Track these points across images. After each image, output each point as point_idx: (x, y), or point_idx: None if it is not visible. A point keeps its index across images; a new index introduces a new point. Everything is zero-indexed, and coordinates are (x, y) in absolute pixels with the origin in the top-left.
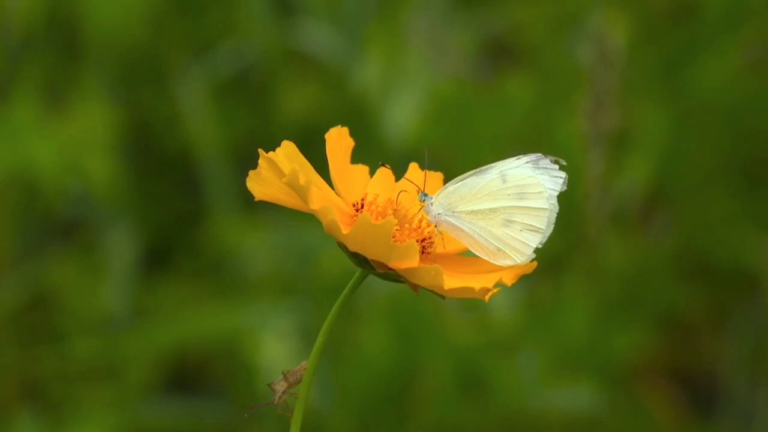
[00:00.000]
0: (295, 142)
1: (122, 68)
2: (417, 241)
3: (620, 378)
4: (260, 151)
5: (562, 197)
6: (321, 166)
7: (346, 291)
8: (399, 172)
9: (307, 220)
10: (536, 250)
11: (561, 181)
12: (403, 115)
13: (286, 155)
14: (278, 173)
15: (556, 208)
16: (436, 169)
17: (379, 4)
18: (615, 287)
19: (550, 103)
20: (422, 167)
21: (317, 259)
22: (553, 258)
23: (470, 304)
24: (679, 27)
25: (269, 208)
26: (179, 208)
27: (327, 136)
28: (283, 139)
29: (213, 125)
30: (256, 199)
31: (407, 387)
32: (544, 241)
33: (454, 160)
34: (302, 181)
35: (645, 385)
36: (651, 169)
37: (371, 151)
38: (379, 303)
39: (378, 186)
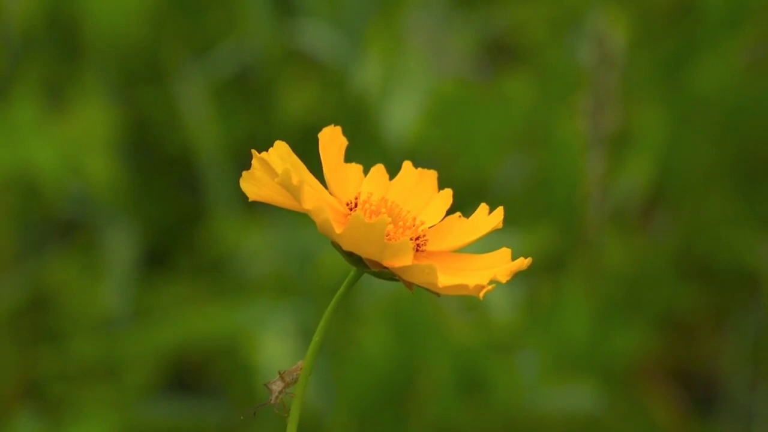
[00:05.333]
0: (294, 142)
1: (122, 68)
2: (411, 239)
3: (620, 378)
4: (253, 151)
5: (561, 197)
6: (321, 165)
7: (341, 290)
8: (398, 173)
9: (307, 219)
10: (536, 251)
11: None
12: (403, 115)
13: (279, 155)
14: (271, 173)
15: None
16: (435, 169)
17: (379, 4)
18: (615, 287)
19: (550, 103)
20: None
21: (317, 259)
22: (553, 258)
23: (470, 304)
24: (679, 27)
25: (269, 208)
26: (179, 208)
27: (320, 135)
28: (283, 139)
29: (213, 125)
30: (249, 200)
31: (407, 387)
32: None
33: (454, 160)
34: (295, 180)
35: (645, 385)
36: (651, 169)
37: (371, 151)
38: (378, 303)
39: (372, 185)
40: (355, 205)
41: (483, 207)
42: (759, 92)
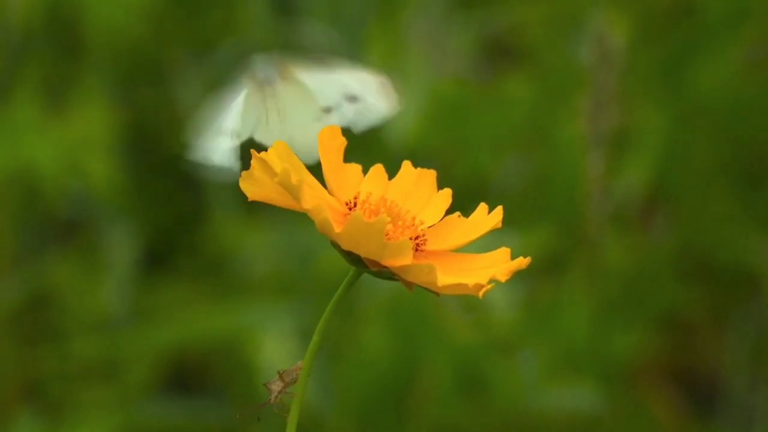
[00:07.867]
0: None
1: (122, 68)
2: (410, 238)
3: (620, 378)
4: (252, 151)
5: (561, 197)
6: (320, 165)
7: (340, 290)
8: (398, 172)
9: (307, 219)
10: (536, 251)
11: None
12: (403, 115)
13: (278, 155)
14: (271, 173)
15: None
16: (435, 169)
17: (379, 4)
18: (615, 287)
19: (550, 103)
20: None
21: (317, 259)
22: (553, 258)
23: (470, 303)
24: (679, 27)
25: (269, 208)
26: (179, 208)
27: (319, 135)
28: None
29: None
30: (249, 200)
31: (407, 387)
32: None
33: (454, 160)
34: (294, 180)
35: (645, 385)
36: (651, 169)
37: (371, 151)
38: (379, 303)
39: (371, 184)
40: (355, 205)
41: (482, 207)
42: (759, 92)
